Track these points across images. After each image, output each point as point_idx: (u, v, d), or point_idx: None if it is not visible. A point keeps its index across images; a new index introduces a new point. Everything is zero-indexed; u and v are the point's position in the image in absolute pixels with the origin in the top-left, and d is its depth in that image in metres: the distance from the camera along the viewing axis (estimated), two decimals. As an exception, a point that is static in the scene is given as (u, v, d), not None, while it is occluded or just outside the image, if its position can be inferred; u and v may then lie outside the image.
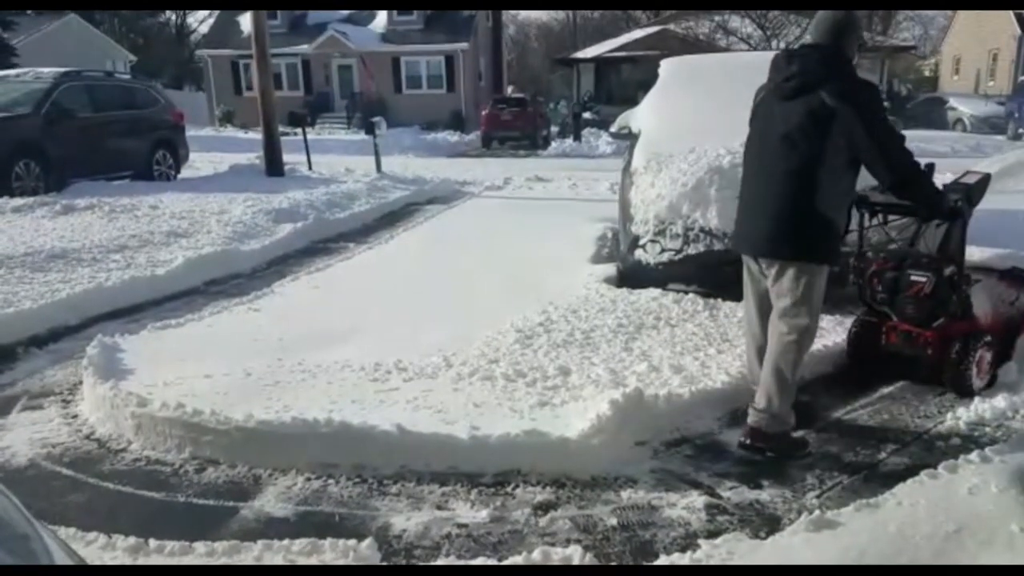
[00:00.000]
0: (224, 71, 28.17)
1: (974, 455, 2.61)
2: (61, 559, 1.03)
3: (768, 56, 4.02)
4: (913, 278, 3.31)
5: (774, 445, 2.82)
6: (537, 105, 21.92)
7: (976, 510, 2.30)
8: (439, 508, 2.52)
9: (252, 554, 2.14)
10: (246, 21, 26.41)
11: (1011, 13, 25.17)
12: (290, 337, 3.94)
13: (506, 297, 4.63)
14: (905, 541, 2.15)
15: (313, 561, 2.11)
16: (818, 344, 3.59)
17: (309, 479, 2.69)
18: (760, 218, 2.85)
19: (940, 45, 35.08)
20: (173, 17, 47.83)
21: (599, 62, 25.91)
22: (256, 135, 13.28)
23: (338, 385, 3.26)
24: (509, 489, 2.62)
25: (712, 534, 2.27)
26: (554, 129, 22.68)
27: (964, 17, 30.31)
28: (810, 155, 2.70)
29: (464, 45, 26.57)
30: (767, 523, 2.39)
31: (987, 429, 3.07)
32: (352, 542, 2.17)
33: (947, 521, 2.23)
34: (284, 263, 6.29)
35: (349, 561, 2.09)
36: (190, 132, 12.62)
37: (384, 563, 2.15)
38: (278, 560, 2.11)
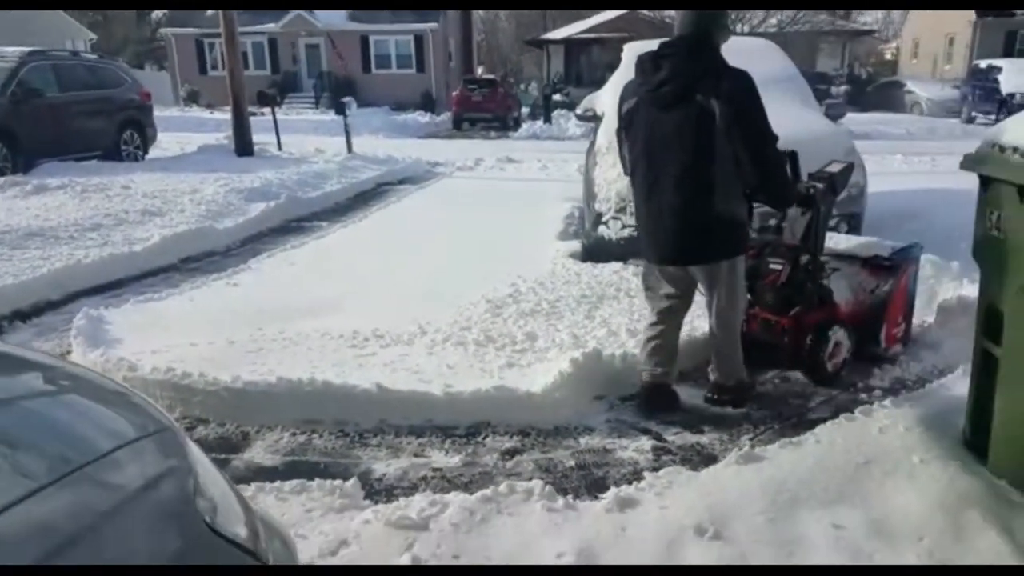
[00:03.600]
0: (188, 50, 27.74)
1: (887, 401, 2.96)
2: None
3: (733, 42, 4.27)
4: (771, 266, 3.38)
5: (737, 393, 3.13)
6: (508, 86, 22.12)
7: (884, 446, 2.63)
8: (416, 456, 2.79)
9: (246, 494, 2.38)
10: (210, -2, 26.07)
11: (968, -5, 25.85)
12: (270, 309, 4.15)
13: (477, 271, 4.88)
14: (821, 471, 2.48)
15: (303, 499, 2.36)
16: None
17: (295, 434, 2.94)
18: (671, 230, 2.85)
19: (901, 29, 35.80)
20: (133, -7, 46.58)
21: (569, 44, 26.09)
22: (223, 115, 13.30)
23: (319, 351, 3.50)
24: (480, 439, 2.90)
25: (656, 470, 2.57)
26: (525, 110, 22.86)
27: (923, 0, 31.00)
28: (701, 159, 2.71)
29: (434, 25, 26.51)
30: (705, 460, 2.70)
31: (908, 383, 3.43)
32: (338, 482, 2.43)
33: (858, 455, 2.57)
34: (259, 241, 6.46)
35: (335, 497, 2.35)
36: (156, 112, 12.57)
37: (366, 500, 2.41)
38: (271, 499, 2.36)
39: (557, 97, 21.50)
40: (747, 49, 6.49)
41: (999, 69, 19.38)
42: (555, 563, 2.06)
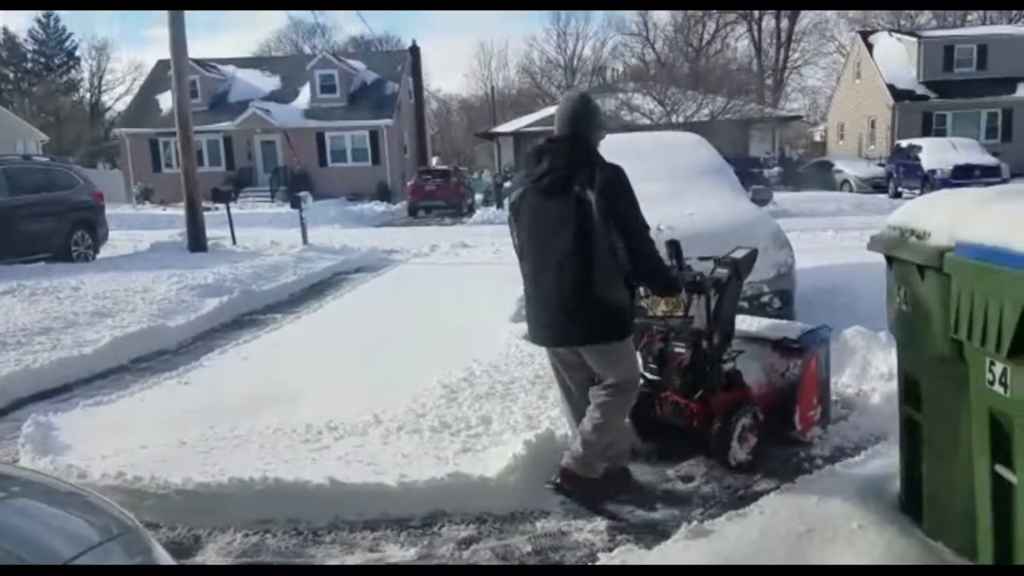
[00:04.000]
0: (142, 149, 28.05)
1: (825, 470, 3.11)
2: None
3: (646, 137, 4.51)
4: (676, 350, 3.41)
5: (581, 488, 2.96)
6: (460, 175, 22.86)
7: (824, 514, 2.74)
8: (371, 551, 2.79)
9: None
10: (166, 100, 26.57)
11: (884, 85, 28.05)
12: (222, 406, 4.14)
13: (433, 356, 4.96)
14: (766, 541, 2.57)
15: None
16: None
17: (247, 535, 2.91)
18: (556, 312, 2.93)
19: (827, 113, 38.35)
20: (88, 95, 47.33)
21: (517, 135, 27.24)
22: (176, 211, 13.36)
23: (271, 447, 3.50)
24: (436, 529, 2.92)
25: (611, 549, 2.63)
26: (479, 197, 23.54)
27: (845, 88, 33.35)
28: (579, 245, 2.82)
29: (388, 121, 27.47)
30: (659, 537, 2.76)
31: (847, 450, 3.57)
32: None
33: (800, 524, 2.67)
34: (211, 337, 6.44)
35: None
36: (108, 210, 12.57)
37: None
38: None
39: (508, 184, 22.22)
40: (677, 143, 6.99)
41: (919, 148, 20.94)
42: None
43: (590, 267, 2.84)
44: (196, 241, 11.52)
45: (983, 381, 2.12)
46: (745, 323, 3.69)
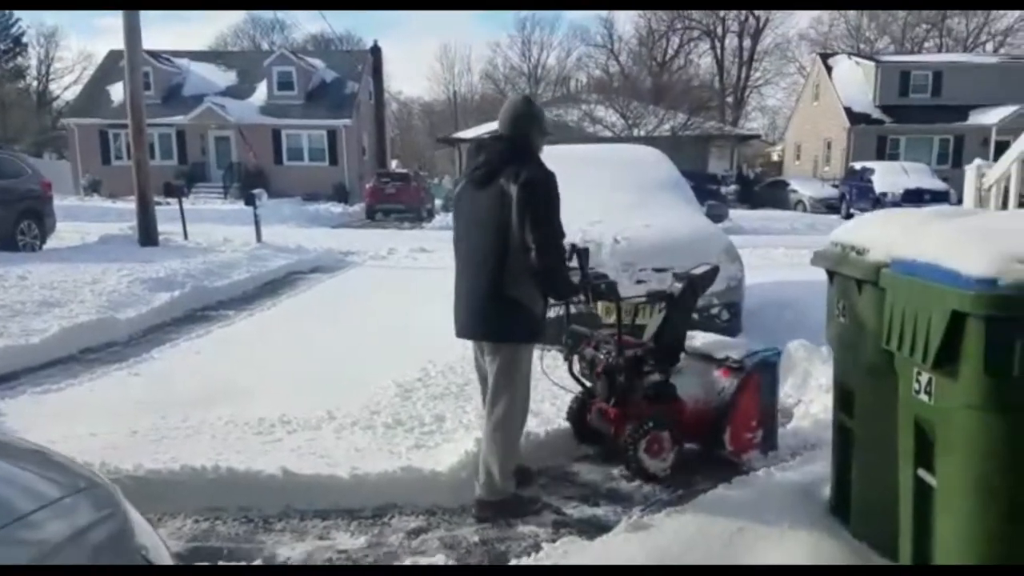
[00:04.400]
0: (91, 140, 27.23)
1: (761, 473, 3.25)
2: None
3: (605, 148, 4.56)
4: (600, 356, 3.46)
5: (500, 510, 2.99)
6: (420, 180, 22.81)
7: (757, 513, 2.87)
8: (321, 539, 2.83)
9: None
10: (117, 91, 25.90)
11: (841, 107, 28.96)
12: (173, 398, 4.12)
13: (388, 357, 4.99)
14: (701, 537, 2.70)
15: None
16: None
17: (198, 521, 2.92)
18: (464, 302, 2.99)
19: (785, 133, 39.42)
20: (35, 83, 45.75)
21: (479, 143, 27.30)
22: (126, 204, 13.07)
23: (223, 439, 3.51)
24: (386, 520, 2.98)
25: (554, 541, 2.73)
26: (438, 203, 23.53)
27: (803, 109, 34.32)
28: (497, 240, 2.84)
29: (347, 121, 27.25)
30: (600, 530, 2.86)
31: (786, 457, 3.73)
32: (241, 563, 2.45)
33: (735, 522, 2.80)
34: (162, 331, 6.34)
35: (239, 582, 2.37)
36: (55, 201, 12.21)
37: (272, 583, 2.44)
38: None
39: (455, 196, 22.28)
40: (636, 156, 7.18)
41: (872, 171, 21.73)
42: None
43: (503, 262, 2.85)
44: (147, 235, 11.28)
45: (910, 390, 2.26)
46: (696, 339, 3.75)
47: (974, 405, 2.00)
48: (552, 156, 7.06)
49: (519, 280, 2.86)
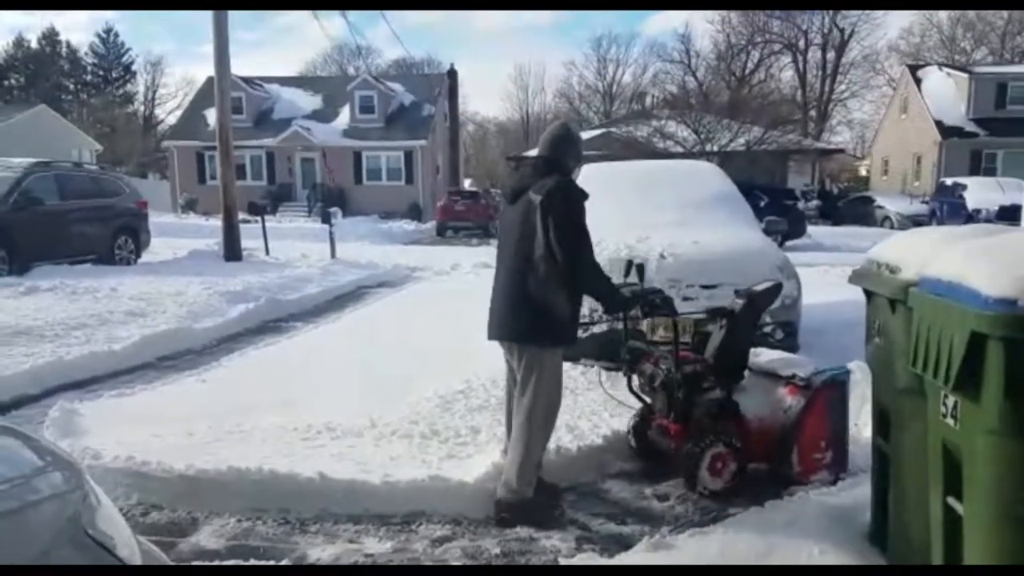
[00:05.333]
0: (189, 161, 29.07)
1: (797, 496, 3.17)
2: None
3: (658, 164, 4.44)
4: (660, 372, 3.48)
5: (517, 512, 3.07)
6: (490, 198, 23.17)
7: (788, 537, 2.81)
8: (351, 542, 2.96)
9: (185, 573, 2.55)
10: (212, 115, 27.56)
11: (932, 120, 27.58)
12: (233, 404, 4.37)
13: (435, 368, 5.13)
14: (725, 560, 2.66)
15: (237, 579, 2.53)
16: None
17: (240, 520, 3.11)
18: (496, 306, 3.20)
19: (871, 147, 37.84)
20: (141, 108, 49.27)
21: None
22: (217, 222, 13.85)
23: (272, 443, 3.71)
24: (414, 527, 3.08)
25: (574, 555, 2.75)
26: (507, 220, 23.77)
27: (891, 123, 32.90)
28: (525, 248, 3.02)
29: (423, 142, 28.07)
30: (623, 548, 2.87)
31: (832, 488, 3.59)
32: (271, 562, 2.60)
33: (762, 544, 2.75)
34: (234, 340, 6.73)
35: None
36: (153, 218, 13.14)
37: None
38: (207, 577, 2.52)
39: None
40: (689, 171, 7.10)
41: (964, 187, 20.55)
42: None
43: (529, 268, 3.02)
44: (231, 250, 11.96)
45: (938, 413, 2.20)
46: (761, 356, 3.70)
47: (995, 430, 1.93)
48: (600, 173, 7.07)
49: (544, 286, 3.00)
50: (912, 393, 2.42)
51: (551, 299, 3.01)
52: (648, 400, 3.65)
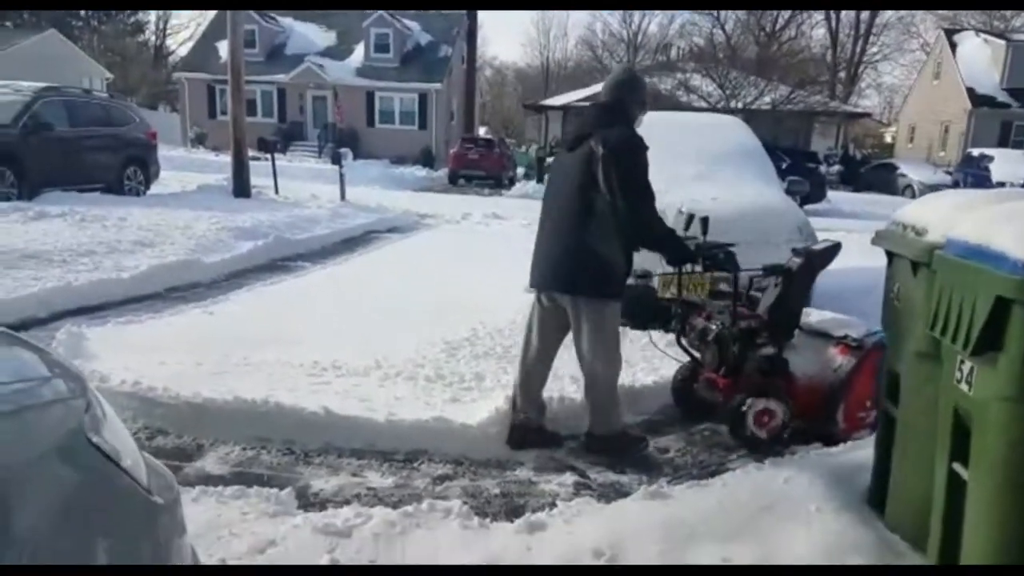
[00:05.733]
0: (200, 94, 28.66)
1: (798, 454, 3.18)
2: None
3: (684, 116, 4.33)
4: (713, 327, 3.53)
5: (610, 444, 3.24)
6: (504, 147, 22.88)
7: (787, 493, 2.82)
8: (354, 475, 2.99)
9: (191, 496, 2.57)
10: (224, 48, 27.10)
11: (964, 87, 26.79)
12: (240, 338, 4.39)
13: (442, 314, 5.14)
14: (721, 511, 2.67)
15: (241, 504, 2.55)
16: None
17: (245, 449, 3.15)
18: (546, 256, 3.15)
19: (899, 113, 36.93)
20: (152, 38, 48.41)
21: (567, 109, 27.00)
22: (227, 157, 13.74)
23: (278, 377, 3.73)
24: (416, 464, 3.11)
25: (571, 500, 2.77)
26: (520, 171, 23.54)
27: (921, 88, 32.07)
28: (581, 198, 2.99)
29: (438, 85, 27.53)
30: (620, 496, 2.89)
31: (834, 449, 3.60)
32: (275, 490, 2.64)
33: (761, 499, 2.76)
34: (242, 276, 6.73)
35: (270, 504, 2.54)
36: (162, 151, 13.04)
37: (299, 509, 2.60)
38: (211, 501, 2.55)
39: (551, 160, 22.19)
40: (715, 125, 6.95)
41: (991, 158, 20.19)
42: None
43: (587, 219, 2.98)
44: (240, 187, 11.89)
45: (952, 378, 2.17)
46: (812, 315, 3.72)
47: (1010, 397, 1.90)
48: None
49: (602, 236, 2.98)
50: (927, 357, 2.39)
51: (611, 252, 3.02)
52: (696, 354, 3.68)
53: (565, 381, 3.89)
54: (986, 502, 2.00)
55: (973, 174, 20.40)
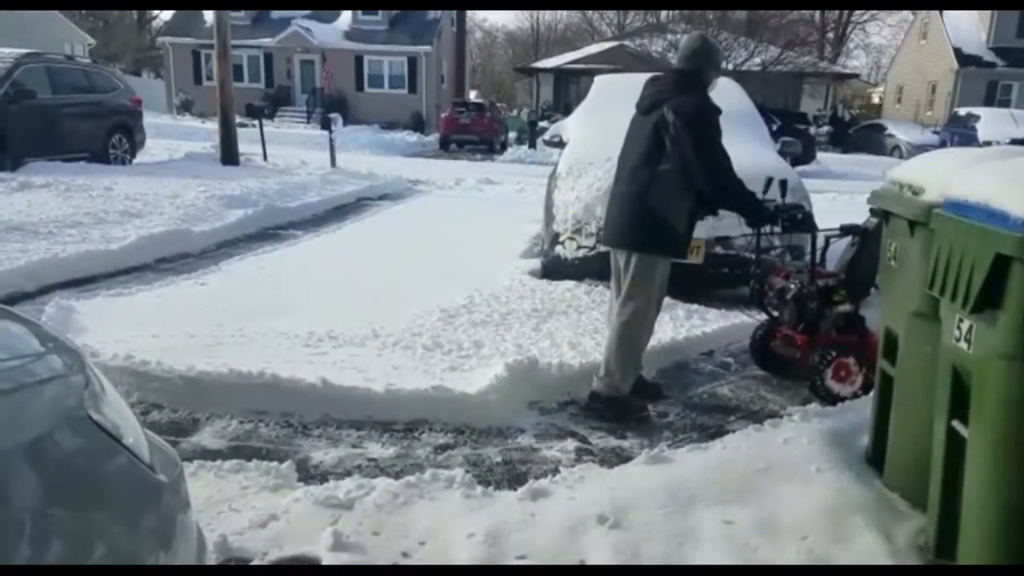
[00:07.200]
0: (185, 60, 28.06)
1: (796, 416, 3.18)
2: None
3: None
4: (791, 286, 3.70)
5: (610, 407, 3.30)
6: (496, 111, 22.59)
7: (786, 455, 2.84)
8: (354, 447, 2.98)
9: (189, 471, 2.55)
10: (210, 11, 26.45)
11: (951, 47, 26.64)
12: (233, 309, 4.35)
13: (438, 283, 5.09)
14: (721, 474, 2.69)
15: (240, 478, 2.54)
16: (700, 330, 4.23)
17: (242, 422, 3.12)
18: (613, 214, 3.36)
19: (887, 74, 36.71)
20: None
21: (558, 73, 26.66)
22: (213, 124, 13.51)
23: (273, 348, 3.70)
24: (416, 434, 3.10)
25: (574, 466, 2.78)
26: (512, 135, 23.30)
27: (909, 49, 31.81)
28: (648, 160, 3.16)
29: (427, 48, 27.01)
30: (621, 461, 2.90)
31: (831, 409, 3.61)
32: (274, 463, 2.62)
33: (760, 461, 2.77)
34: (233, 246, 6.65)
35: (270, 477, 2.53)
36: (148, 119, 12.80)
37: (300, 482, 2.59)
38: (210, 476, 2.54)
39: (544, 124, 21.96)
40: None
41: (977, 117, 20.11)
42: (464, 542, 2.24)
43: (652, 180, 3.13)
44: (228, 154, 11.71)
45: (951, 338, 2.16)
46: None
47: (1009, 354, 1.89)
48: (613, 83, 6.79)
49: (665, 196, 3.13)
50: (925, 317, 2.39)
51: (668, 211, 3.15)
52: (775, 313, 3.82)
53: (564, 347, 3.89)
54: (986, 459, 2.01)
55: (960, 133, 20.33)
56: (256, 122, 13.95)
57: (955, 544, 2.11)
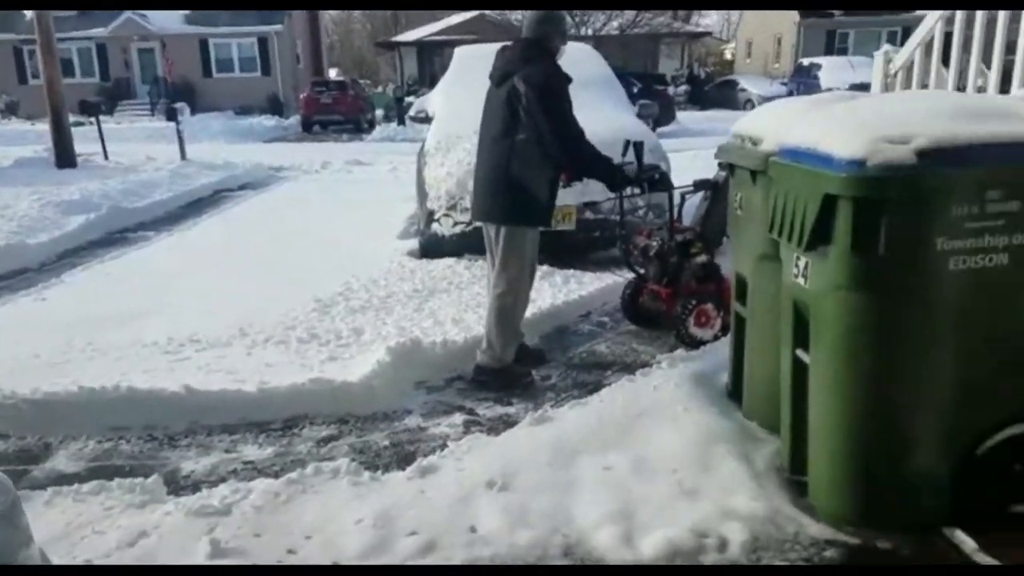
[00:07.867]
0: (5, 58, 25.31)
1: (664, 363, 3.35)
2: None
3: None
4: (653, 244, 3.91)
5: (496, 378, 3.36)
6: (359, 88, 21.95)
7: (656, 400, 2.96)
8: (227, 452, 2.84)
9: (43, 499, 2.35)
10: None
11: (792, -1, 28.21)
12: (80, 321, 4.01)
13: (311, 272, 4.92)
14: (600, 425, 2.79)
15: (102, 499, 2.36)
16: (576, 294, 4.35)
17: (100, 441, 2.90)
18: (478, 188, 3.37)
19: (737, 30, 38.53)
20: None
21: (421, 46, 26.22)
22: (45, 126, 12.27)
23: (129, 359, 3.45)
24: (296, 430, 3.00)
25: (462, 438, 2.78)
26: (379, 113, 22.73)
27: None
28: (505, 132, 3.18)
29: (278, 27, 25.72)
30: (508, 427, 2.93)
31: (695, 352, 3.83)
32: (139, 479, 2.45)
33: (634, 409, 2.90)
34: (76, 255, 6.13)
35: (135, 495, 2.37)
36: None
37: (170, 495, 2.44)
38: (68, 501, 2.34)
39: (411, 99, 21.58)
40: (566, 54, 6.92)
41: (819, 66, 21.65)
42: (353, 528, 2.20)
43: (511, 152, 3.17)
44: (63, 156, 10.77)
45: (791, 275, 2.33)
46: None
47: (841, 285, 2.07)
48: (472, 54, 6.73)
49: (524, 166, 3.16)
50: (769, 259, 2.56)
51: (533, 181, 3.18)
52: (641, 271, 4.01)
53: (447, 325, 3.88)
54: (826, 380, 2.20)
55: (804, 83, 21.83)
56: (93, 119, 12.82)
57: (806, 461, 2.31)
